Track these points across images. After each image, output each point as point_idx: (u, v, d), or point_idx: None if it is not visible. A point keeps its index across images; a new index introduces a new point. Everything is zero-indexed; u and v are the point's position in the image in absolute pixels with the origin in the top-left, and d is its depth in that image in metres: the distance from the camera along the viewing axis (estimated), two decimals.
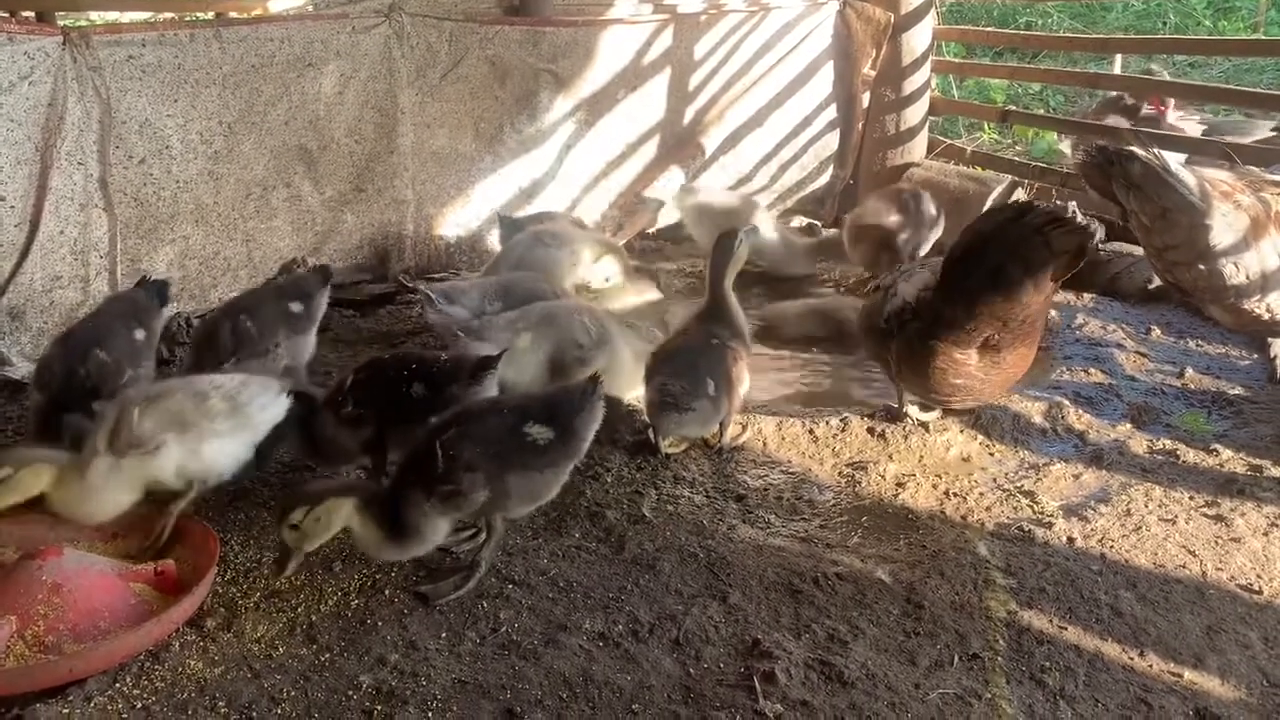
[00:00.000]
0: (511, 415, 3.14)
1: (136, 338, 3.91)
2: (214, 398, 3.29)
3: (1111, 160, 5.07)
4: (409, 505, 2.96)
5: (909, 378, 4.01)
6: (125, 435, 3.09)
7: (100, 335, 3.78)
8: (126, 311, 4.02)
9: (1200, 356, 4.96)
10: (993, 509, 3.63)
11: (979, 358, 3.78)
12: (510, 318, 4.08)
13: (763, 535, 3.47)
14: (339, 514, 2.90)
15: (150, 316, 4.05)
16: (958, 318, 3.69)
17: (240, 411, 3.33)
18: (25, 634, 2.74)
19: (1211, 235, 4.87)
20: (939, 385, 3.88)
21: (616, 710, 2.63)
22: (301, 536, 2.89)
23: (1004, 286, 3.58)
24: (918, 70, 7.38)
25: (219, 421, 3.27)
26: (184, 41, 4.91)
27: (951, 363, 3.78)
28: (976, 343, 3.74)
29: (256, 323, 4.00)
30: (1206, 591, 3.15)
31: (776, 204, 7.64)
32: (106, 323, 3.91)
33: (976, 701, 2.67)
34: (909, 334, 3.87)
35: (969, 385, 3.85)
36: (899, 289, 3.97)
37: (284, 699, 2.65)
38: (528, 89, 6.27)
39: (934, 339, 3.77)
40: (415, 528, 2.98)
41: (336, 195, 5.72)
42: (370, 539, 2.97)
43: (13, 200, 4.48)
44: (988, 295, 3.61)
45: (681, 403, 3.77)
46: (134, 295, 4.16)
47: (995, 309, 3.63)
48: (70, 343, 3.75)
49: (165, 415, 3.19)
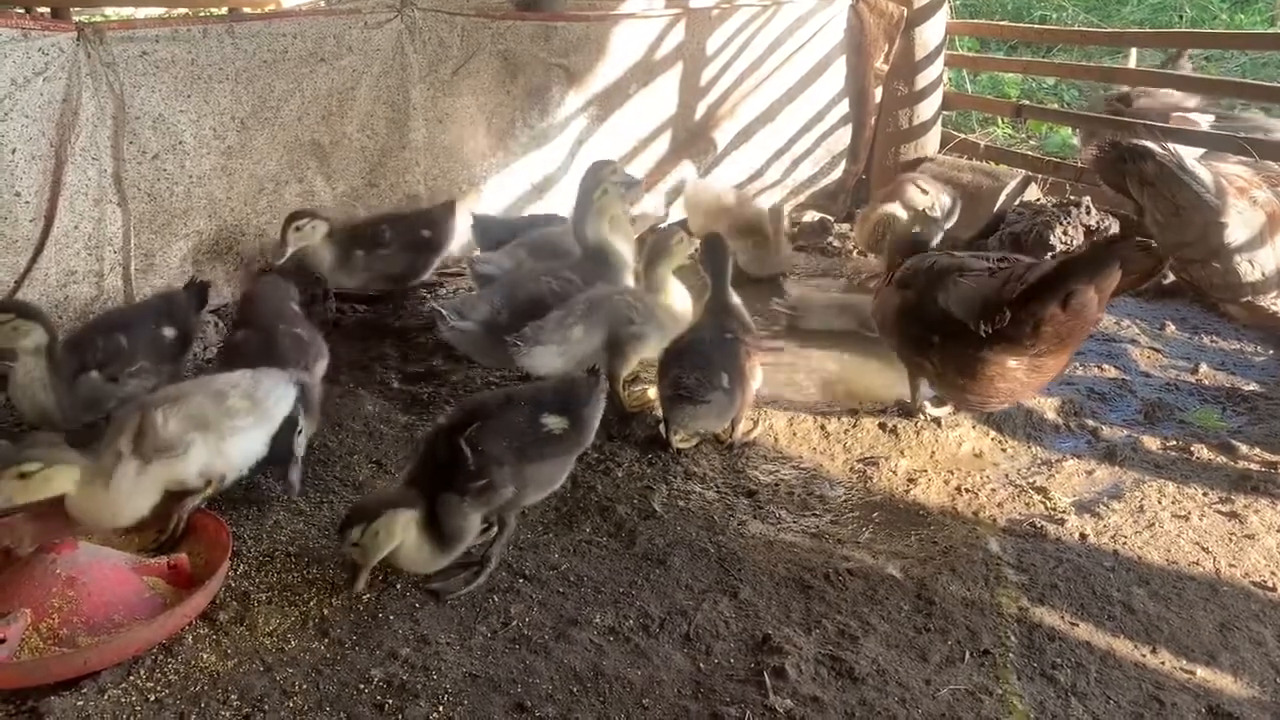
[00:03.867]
0: (528, 407, 3.20)
1: (165, 334, 4.03)
2: (233, 396, 3.35)
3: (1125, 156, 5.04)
4: (447, 509, 2.98)
5: (952, 382, 3.90)
6: (151, 439, 3.13)
7: (126, 322, 4.05)
8: (161, 309, 4.19)
9: (1214, 352, 4.93)
10: (1005, 505, 3.62)
11: (1027, 364, 3.72)
12: (558, 316, 4.10)
13: (773, 531, 3.47)
14: (397, 524, 2.92)
15: (185, 316, 4.17)
16: (1023, 335, 3.59)
17: (259, 407, 3.40)
18: (40, 627, 2.76)
19: (1227, 233, 4.83)
20: (984, 391, 3.82)
21: (627, 705, 2.64)
22: (364, 552, 2.92)
23: (1075, 305, 3.50)
24: (931, 65, 7.35)
25: (240, 419, 3.34)
26: (197, 37, 4.92)
27: (1001, 370, 3.72)
28: (1031, 353, 3.67)
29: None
30: (1220, 588, 3.14)
31: (789, 198, 7.62)
32: (137, 313, 4.17)
33: (988, 698, 2.67)
34: (958, 346, 3.76)
35: (1011, 389, 3.80)
36: (939, 298, 3.82)
37: (296, 692, 2.67)
38: (539, 84, 6.27)
39: (989, 350, 3.67)
40: (458, 530, 3.01)
41: (349, 190, 5.73)
42: (423, 551, 2.99)
43: (27, 196, 4.50)
44: (1058, 315, 3.52)
45: (696, 395, 3.75)
46: (173, 294, 4.31)
47: (1060, 327, 3.55)
48: (98, 321, 4.09)
49: (189, 417, 3.23)
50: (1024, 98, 9.56)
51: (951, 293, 3.80)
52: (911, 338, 3.99)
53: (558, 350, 4.04)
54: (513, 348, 3.95)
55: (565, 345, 4.05)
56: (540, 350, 4.00)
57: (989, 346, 3.68)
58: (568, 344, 4.05)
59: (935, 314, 3.83)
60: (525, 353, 3.97)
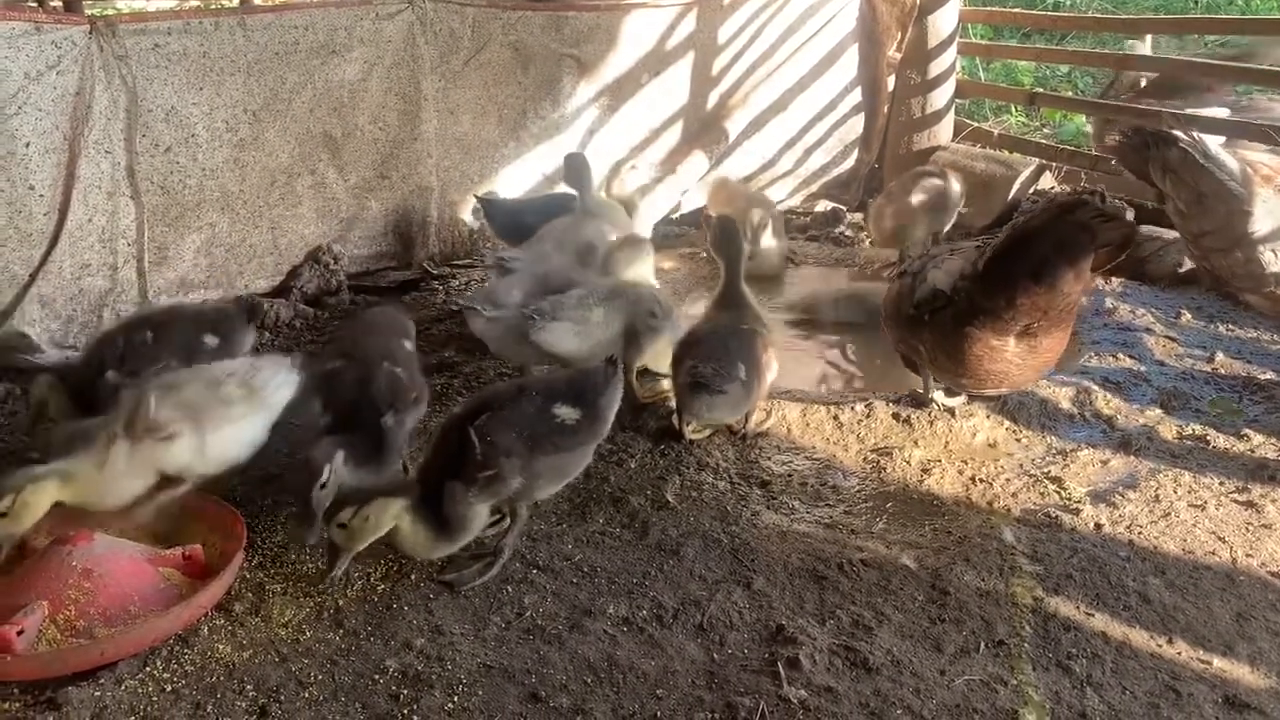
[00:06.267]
0: (539, 397, 3.16)
1: (206, 342, 3.91)
2: (229, 385, 3.30)
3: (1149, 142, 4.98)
4: (452, 498, 2.96)
5: (943, 365, 3.93)
6: (141, 421, 3.09)
7: (156, 321, 3.90)
8: (207, 316, 4.06)
9: (1231, 341, 4.89)
10: (1019, 495, 3.61)
11: (1016, 344, 3.71)
12: (579, 294, 4.06)
13: (787, 521, 3.46)
14: (388, 513, 2.91)
15: (231, 327, 4.03)
16: (998, 307, 3.62)
17: (256, 395, 3.34)
18: (57, 618, 2.78)
19: (1251, 222, 4.78)
20: (974, 372, 3.82)
21: (641, 695, 2.64)
22: (350, 536, 2.91)
23: (1047, 278, 3.51)
24: (944, 52, 7.30)
25: (235, 407, 3.29)
26: (208, 29, 4.93)
27: (988, 350, 3.72)
28: (1015, 330, 3.67)
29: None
30: (1236, 578, 3.12)
31: (801, 189, 7.60)
32: (176, 314, 4.04)
33: (1002, 688, 2.66)
34: (943, 321, 3.80)
35: (1005, 372, 3.79)
36: (929, 275, 3.90)
37: (311, 682, 2.68)
38: (550, 74, 6.26)
39: (971, 326, 3.69)
40: (462, 520, 2.99)
41: (361, 182, 5.74)
42: (420, 539, 2.98)
43: (41, 189, 4.52)
44: (1030, 286, 3.53)
45: (714, 385, 3.72)
46: (225, 307, 4.20)
47: (1038, 300, 3.56)
48: (131, 320, 3.98)
49: (181, 404, 3.18)
50: (1037, 85, 9.49)
51: (941, 268, 3.87)
52: (907, 319, 4.00)
53: (574, 329, 3.98)
54: (529, 321, 3.89)
55: (584, 326, 4.00)
56: (557, 326, 3.93)
57: (971, 322, 3.69)
58: (586, 325, 4.01)
59: (926, 291, 3.87)
60: (542, 326, 3.91)
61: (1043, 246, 3.51)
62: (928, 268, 3.95)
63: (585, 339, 4.03)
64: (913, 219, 5.91)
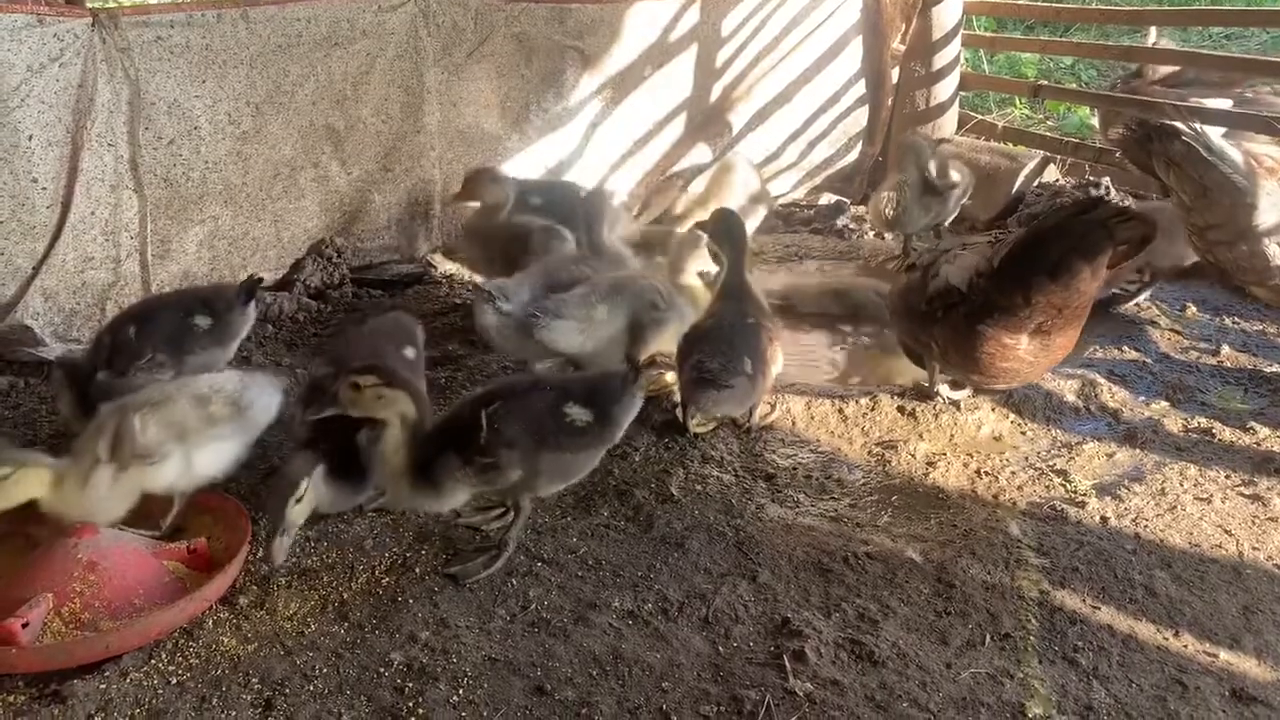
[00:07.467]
0: (553, 394, 3.15)
1: (197, 324, 3.89)
2: (216, 402, 3.24)
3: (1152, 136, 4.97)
4: (443, 463, 2.96)
5: (954, 360, 3.92)
6: (129, 446, 2.99)
7: (137, 315, 3.90)
8: (196, 297, 4.01)
9: (1236, 333, 4.88)
10: (1025, 488, 3.60)
11: (1029, 341, 3.72)
12: (582, 293, 4.07)
13: (792, 514, 3.46)
14: (396, 406, 2.93)
15: (225, 306, 3.97)
16: (1015, 305, 3.62)
17: (242, 415, 3.29)
18: (62, 611, 2.78)
19: (1256, 215, 4.76)
20: (987, 369, 3.82)
21: (646, 688, 2.64)
22: (353, 400, 2.91)
23: (1065, 276, 3.52)
24: (948, 45, 7.28)
25: (221, 426, 3.23)
26: (211, 22, 4.92)
27: (1001, 347, 3.71)
28: (1029, 328, 3.67)
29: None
30: (1243, 571, 3.11)
31: (805, 181, 7.58)
32: (159, 304, 4.06)
33: (1009, 681, 2.65)
34: (956, 317, 3.78)
35: (1017, 369, 3.79)
36: (943, 271, 3.88)
37: (316, 676, 2.68)
38: (554, 67, 6.24)
39: (985, 323, 3.69)
40: (438, 485, 2.98)
41: (364, 175, 5.72)
42: (396, 469, 2.97)
43: (44, 182, 4.51)
44: (1047, 285, 3.54)
45: (720, 379, 3.70)
46: (219, 286, 4.17)
47: (1054, 298, 3.57)
48: (114, 320, 3.98)
49: (168, 424, 3.10)
50: (1042, 77, 9.47)
51: (955, 263, 3.85)
52: (917, 314, 3.99)
53: (578, 327, 4.00)
54: (532, 319, 3.90)
55: (587, 324, 4.01)
56: (560, 325, 3.95)
57: (985, 319, 3.68)
58: (590, 323, 4.02)
59: (940, 287, 3.85)
60: (545, 325, 3.92)
61: (1060, 245, 3.51)
62: (940, 262, 3.94)
63: (589, 336, 4.04)
64: (899, 188, 5.81)
